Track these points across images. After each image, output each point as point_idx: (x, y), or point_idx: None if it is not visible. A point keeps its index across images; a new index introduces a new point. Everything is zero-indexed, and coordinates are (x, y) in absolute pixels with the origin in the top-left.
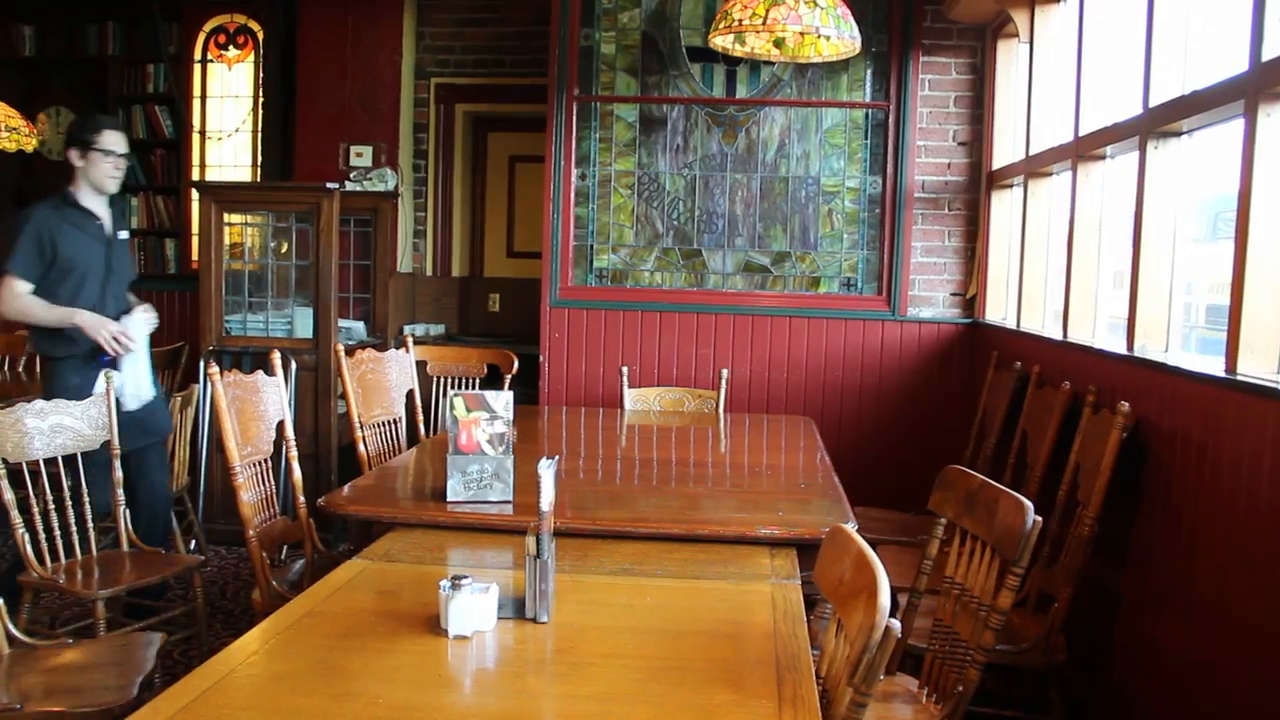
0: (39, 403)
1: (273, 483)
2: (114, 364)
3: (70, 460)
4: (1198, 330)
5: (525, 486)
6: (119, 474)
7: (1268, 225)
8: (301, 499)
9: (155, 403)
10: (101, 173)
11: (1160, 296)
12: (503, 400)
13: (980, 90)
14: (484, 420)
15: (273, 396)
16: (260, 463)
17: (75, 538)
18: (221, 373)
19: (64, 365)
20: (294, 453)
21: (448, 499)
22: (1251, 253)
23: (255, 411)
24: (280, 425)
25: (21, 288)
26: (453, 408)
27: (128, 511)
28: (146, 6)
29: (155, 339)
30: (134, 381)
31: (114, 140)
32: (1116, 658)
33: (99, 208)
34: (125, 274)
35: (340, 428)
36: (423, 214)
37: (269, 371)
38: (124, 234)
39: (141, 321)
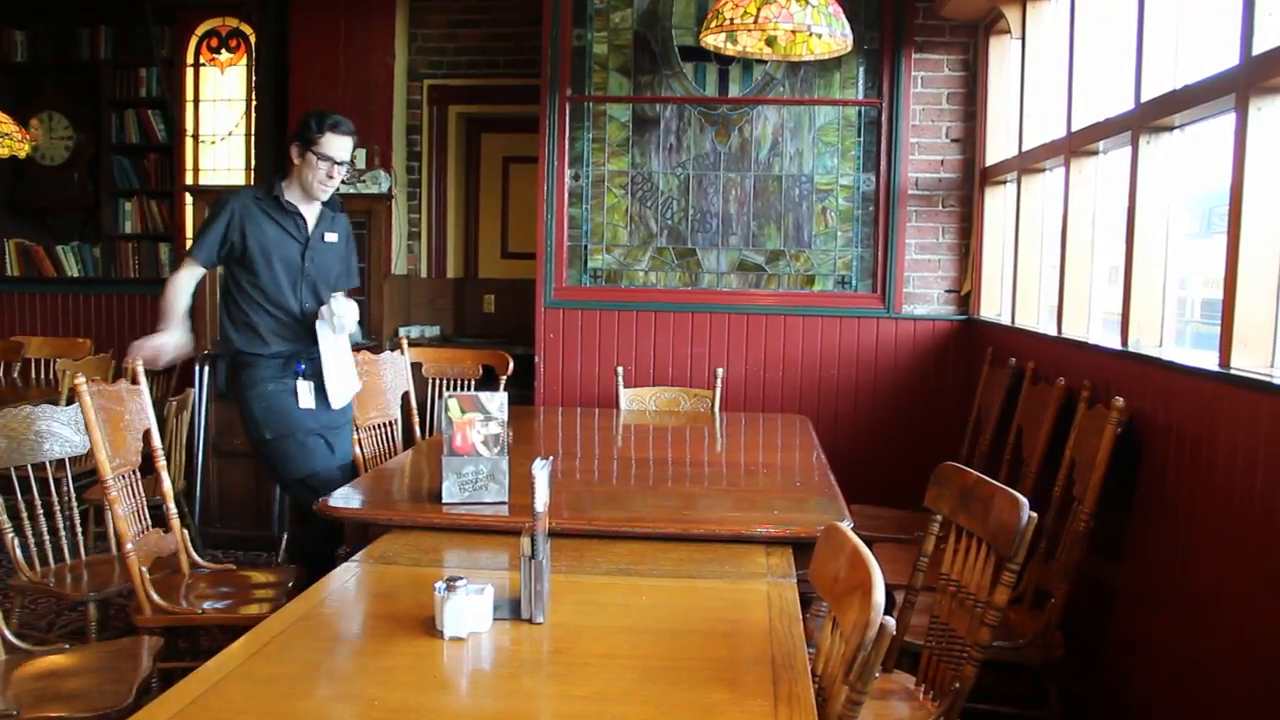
0: (27, 408)
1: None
2: (312, 366)
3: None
4: (1193, 325)
5: (520, 487)
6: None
7: (1260, 220)
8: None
9: (346, 409)
10: (313, 178)
11: (1154, 291)
12: (497, 401)
13: (973, 87)
14: (479, 421)
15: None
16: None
17: (65, 543)
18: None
19: (260, 364)
20: (162, 462)
21: (443, 500)
22: (1244, 247)
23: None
24: (146, 434)
25: (195, 273)
26: (448, 409)
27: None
28: (139, 11)
29: None
30: (339, 375)
31: (335, 146)
32: (1113, 652)
33: (305, 206)
34: (326, 276)
35: None
36: (417, 216)
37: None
38: (332, 236)
39: (345, 303)
